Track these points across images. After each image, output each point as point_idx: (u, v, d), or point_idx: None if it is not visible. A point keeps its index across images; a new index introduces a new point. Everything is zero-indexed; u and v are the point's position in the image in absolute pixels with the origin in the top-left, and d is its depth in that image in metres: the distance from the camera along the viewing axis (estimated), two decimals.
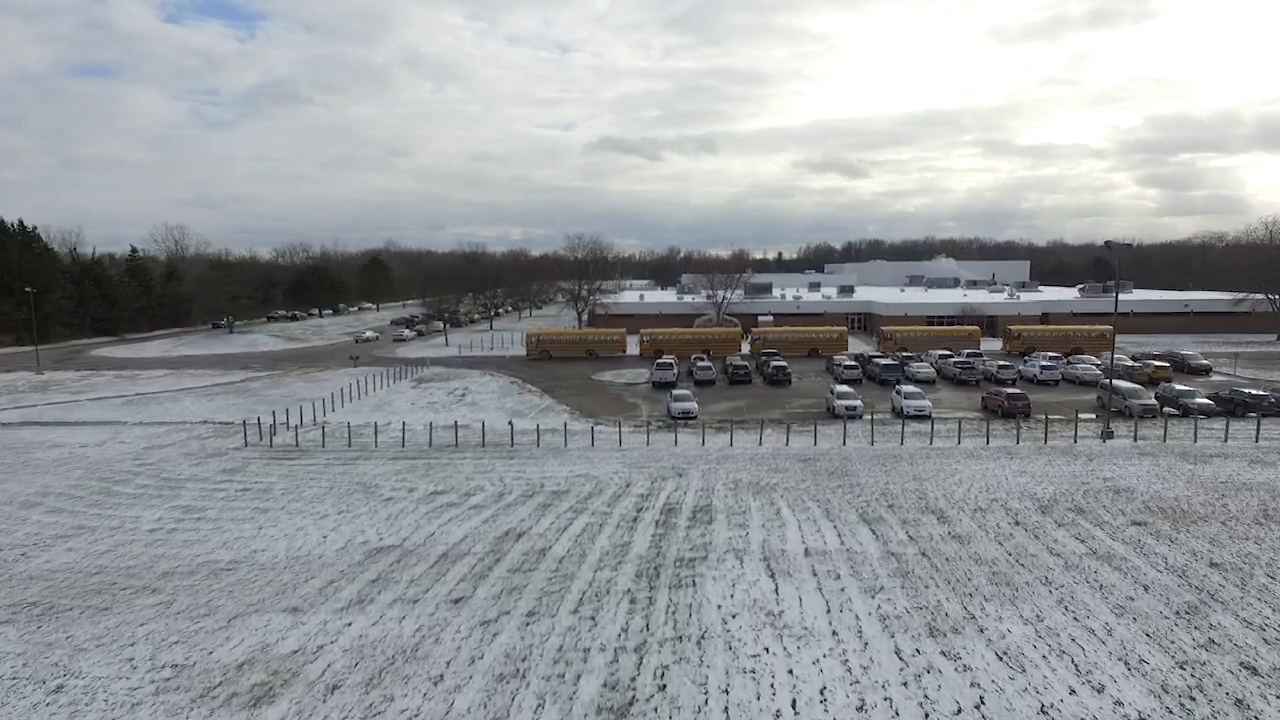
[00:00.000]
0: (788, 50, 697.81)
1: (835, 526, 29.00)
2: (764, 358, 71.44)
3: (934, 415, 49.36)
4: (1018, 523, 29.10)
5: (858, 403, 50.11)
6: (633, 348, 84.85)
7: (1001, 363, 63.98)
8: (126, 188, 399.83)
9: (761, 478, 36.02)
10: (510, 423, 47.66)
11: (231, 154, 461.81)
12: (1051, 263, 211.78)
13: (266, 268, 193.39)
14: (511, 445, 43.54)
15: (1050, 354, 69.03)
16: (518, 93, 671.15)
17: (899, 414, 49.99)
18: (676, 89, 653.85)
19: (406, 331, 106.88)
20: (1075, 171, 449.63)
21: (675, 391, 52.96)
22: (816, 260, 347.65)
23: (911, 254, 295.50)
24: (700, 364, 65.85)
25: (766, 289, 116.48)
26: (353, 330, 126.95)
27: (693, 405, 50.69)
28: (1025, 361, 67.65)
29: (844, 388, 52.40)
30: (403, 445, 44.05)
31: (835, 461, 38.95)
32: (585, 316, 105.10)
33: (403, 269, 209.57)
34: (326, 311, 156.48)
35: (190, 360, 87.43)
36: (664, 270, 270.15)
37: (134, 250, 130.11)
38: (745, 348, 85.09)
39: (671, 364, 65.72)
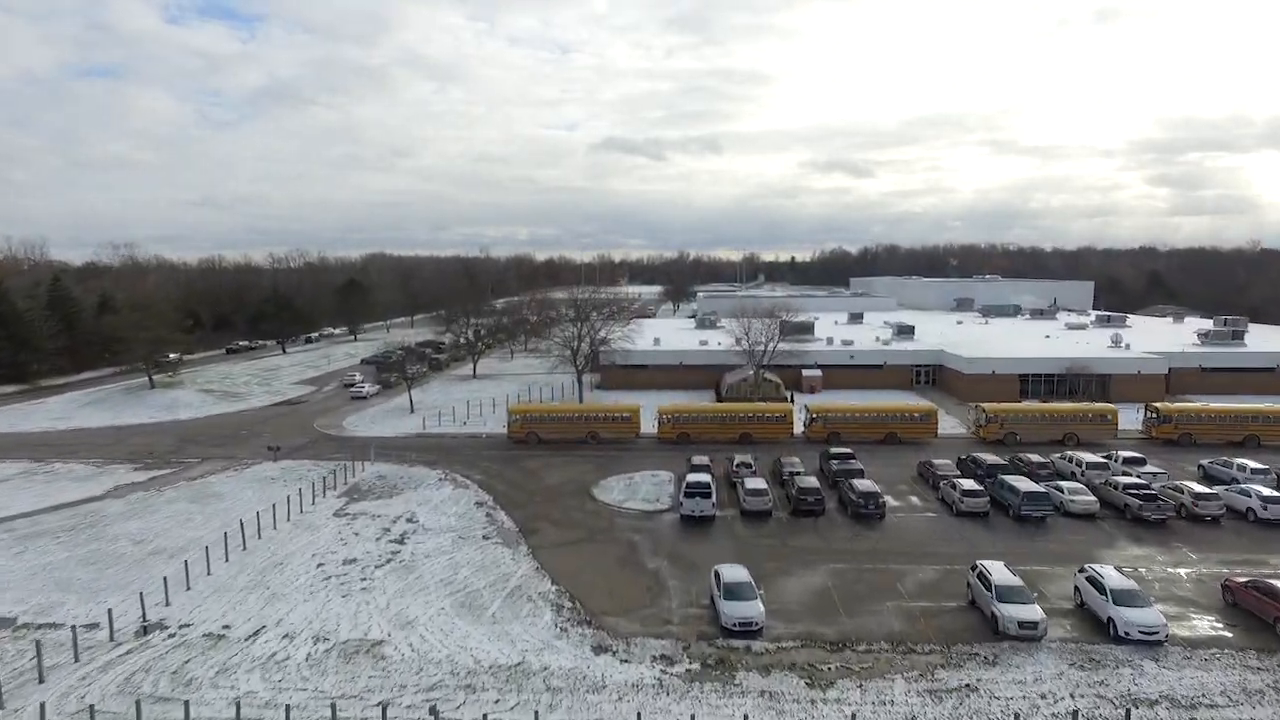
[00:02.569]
0: (789, 50, 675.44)
1: None
2: (834, 460, 50.74)
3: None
4: None
5: (1037, 615, 29.50)
6: (648, 419, 64.51)
7: (1199, 489, 42.80)
8: (134, 189, 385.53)
9: None
10: (434, 707, 27.35)
11: (237, 155, 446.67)
12: (1098, 275, 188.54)
13: (246, 276, 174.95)
14: None
15: (1251, 464, 47.72)
16: (519, 93, 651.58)
17: (1111, 634, 29.39)
18: (679, 89, 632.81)
19: (368, 387, 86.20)
20: (1083, 171, 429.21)
21: (725, 575, 32.19)
22: (831, 265, 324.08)
23: (932, 260, 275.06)
24: (749, 485, 44.94)
25: (808, 329, 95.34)
26: (316, 370, 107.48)
27: (756, 610, 30.27)
28: (1211, 473, 47.34)
29: (1008, 578, 31.07)
30: None
31: None
32: (586, 368, 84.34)
33: (394, 280, 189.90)
34: (297, 346, 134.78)
35: (74, 439, 67.33)
36: (672, 274, 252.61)
37: (57, 278, 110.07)
38: (797, 424, 64.53)
39: (708, 482, 44.85)
